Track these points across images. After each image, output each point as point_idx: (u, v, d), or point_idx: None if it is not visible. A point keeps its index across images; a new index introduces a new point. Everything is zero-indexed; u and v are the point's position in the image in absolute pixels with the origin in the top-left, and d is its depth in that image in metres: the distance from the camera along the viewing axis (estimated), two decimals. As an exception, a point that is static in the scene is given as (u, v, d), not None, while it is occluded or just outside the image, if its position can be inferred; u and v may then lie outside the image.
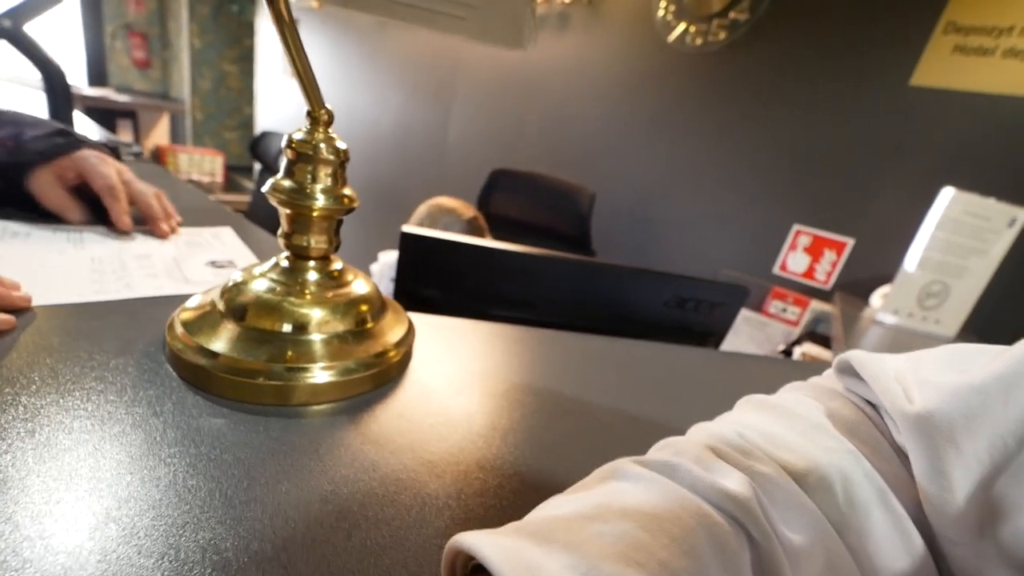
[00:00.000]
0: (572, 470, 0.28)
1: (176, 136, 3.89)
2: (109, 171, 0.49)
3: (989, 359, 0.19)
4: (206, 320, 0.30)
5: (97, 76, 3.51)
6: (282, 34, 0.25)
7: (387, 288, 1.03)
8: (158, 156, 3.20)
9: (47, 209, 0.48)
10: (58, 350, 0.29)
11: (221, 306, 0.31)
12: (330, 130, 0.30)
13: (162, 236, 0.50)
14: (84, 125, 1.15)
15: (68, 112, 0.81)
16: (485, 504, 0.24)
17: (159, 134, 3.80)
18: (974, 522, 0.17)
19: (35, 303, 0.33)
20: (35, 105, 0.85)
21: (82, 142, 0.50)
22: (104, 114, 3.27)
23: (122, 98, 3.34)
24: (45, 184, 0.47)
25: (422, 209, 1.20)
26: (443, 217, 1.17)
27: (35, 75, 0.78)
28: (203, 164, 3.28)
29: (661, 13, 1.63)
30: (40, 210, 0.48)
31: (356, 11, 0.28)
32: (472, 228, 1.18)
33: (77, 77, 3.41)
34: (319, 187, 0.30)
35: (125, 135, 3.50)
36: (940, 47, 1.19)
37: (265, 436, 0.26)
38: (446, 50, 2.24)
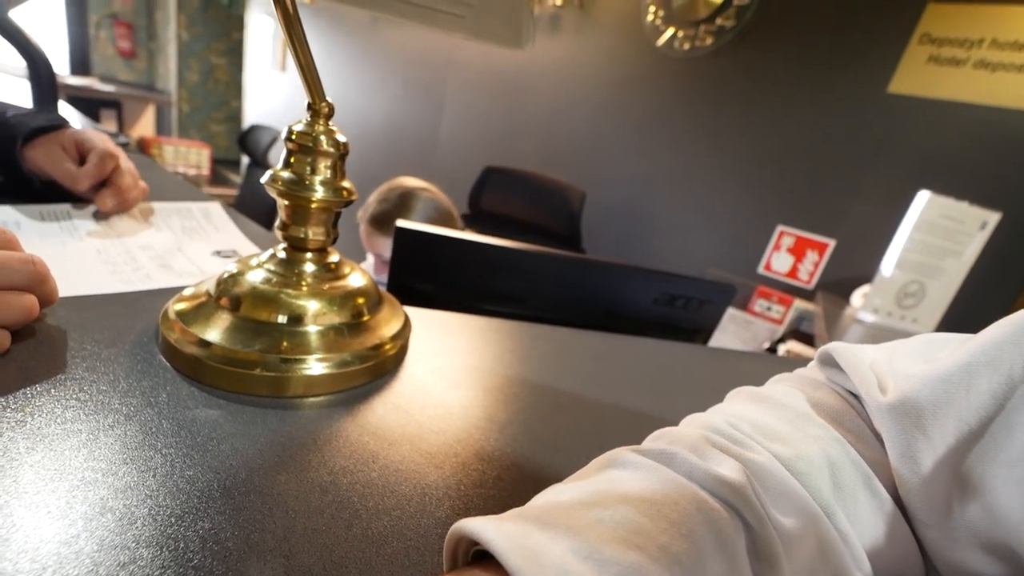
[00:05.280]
0: (568, 461, 0.28)
1: (161, 128, 3.82)
2: (107, 139, 0.48)
3: (955, 348, 0.20)
4: (201, 310, 0.30)
5: (80, 65, 3.43)
6: (287, 27, 0.25)
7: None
8: (143, 147, 3.14)
9: (51, 179, 0.47)
10: (46, 340, 0.28)
11: (216, 296, 0.30)
12: (330, 123, 0.30)
13: (101, 207, 0.47)
14: (68, 114, 1.12)
15: (53, 101, 0.79)
16: (484, 494, 0.24)
17: (144, 125, 3.73)
18: (942, 503, 0.18)
19: (61, 294, 0.33)
20: (18, 93, 0.82)
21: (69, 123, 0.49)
22: (87, 104, 3.20)
23: (106, 88, 3.27)
24: (53, 152, 0.46)
25: (390, 195, 1.05)
26: (418, 199, 1.05)
27: (18, 62, 0.76)
28: (189, 156, 3.22)
29: (650, 17, 1.65)
30: (32, 190, 0.47)
31: (355, 7, 0.28)
32: (447, 211, 1.09)
33: (59, 66, 3.33)
34: (318, 179, 0.30)
35: (109, 125, 3.43)
36: (915, 57, 1.22)
37: (262, 427, 0.25)
38: (438, 48, 2.23)
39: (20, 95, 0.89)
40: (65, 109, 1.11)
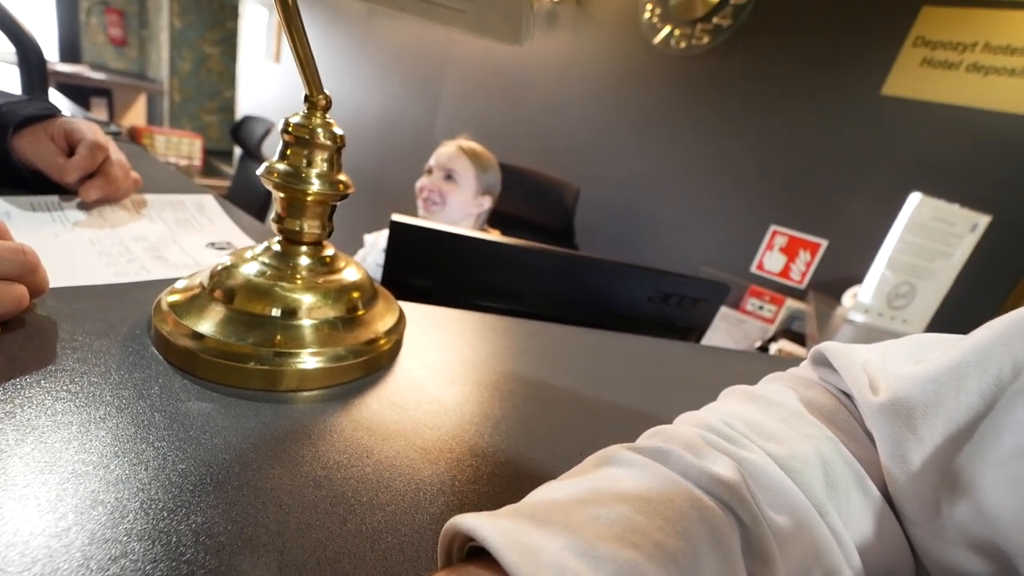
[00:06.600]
0: (563, 458, 0.28)
1: (153, 117, 3.77)
2: (97, 129, 0.48)
3: (945, 349, 0.20)
4: (194, 303, 0.30)
5: (70, 52, 3.38)
6: (287, 20, 0.25)
7: (372, 270, 1.02)
8: (134, 136, 3.10)
9: (38, 169, 0.46)
10: (36, 331, 0.28)
11: (210, 288, 0.30)
12: (327, 115, 0.30)
13: (85, 198, 0.46)
14: (58, 102, 1.10)
15: (43, 88, 0.77)
16: (479, 491, 0.24)
17: (135, 114, 3.68)
18: (931, 502, 0.18)
19: (53, 284, 0.32)
20: (8, 80, 0.81)
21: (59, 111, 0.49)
22: (77, 91, 3.15)
23: (97, 75, 3.22)
24: (40, 143, 0.46)
25: (486, 155, 1.19)
26: (495, 165, 1.20)
27: (8, 49, 0.74)
28: (181, 147, 3.18)
29: (647, 15, 1.65)
30: (22, 180, 0.46)
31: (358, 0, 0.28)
32: (500, 190, 1.24)
33: (48, 52, 3.28)
34: (314, 172, 0.29)
35: (99, 114, 3.37)
36: (909, 59, 1.23)
37: (255, 421, 0.25)
38: (435, 42, 2.22)
39: (9, 82, 0.87)
40: (55, 97, 1.09)
